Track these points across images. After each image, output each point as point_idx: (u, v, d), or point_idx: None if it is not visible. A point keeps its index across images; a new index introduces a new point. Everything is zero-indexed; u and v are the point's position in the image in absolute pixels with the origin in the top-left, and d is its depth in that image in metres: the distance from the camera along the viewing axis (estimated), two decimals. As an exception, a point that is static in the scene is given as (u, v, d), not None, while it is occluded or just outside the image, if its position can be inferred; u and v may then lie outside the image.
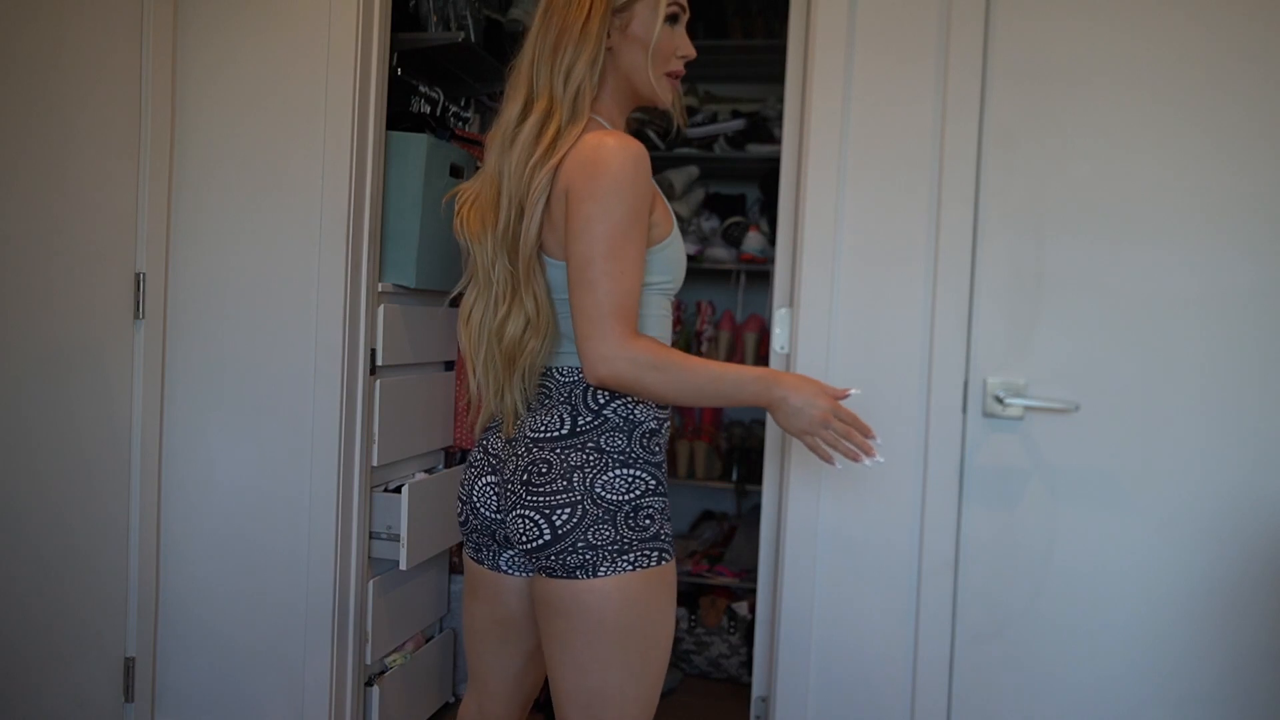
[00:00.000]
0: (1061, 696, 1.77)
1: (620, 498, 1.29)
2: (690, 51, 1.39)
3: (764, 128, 3.11)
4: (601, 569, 1.26)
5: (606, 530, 1.27)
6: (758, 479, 2.88)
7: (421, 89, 2.32)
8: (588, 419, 1.31)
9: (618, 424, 1.32)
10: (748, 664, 2.85)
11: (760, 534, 1.99)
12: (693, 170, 3.22)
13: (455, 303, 2.47)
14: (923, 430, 1.80)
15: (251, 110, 2.04)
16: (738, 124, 3.14)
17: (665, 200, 1.37)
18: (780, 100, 2.87)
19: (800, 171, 1.86)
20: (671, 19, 1.36)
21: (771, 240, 2.90)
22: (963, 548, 1.79)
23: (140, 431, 2.03)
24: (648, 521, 1.30)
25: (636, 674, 1.30)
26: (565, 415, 1.32)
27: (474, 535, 1.41)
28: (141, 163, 2.00)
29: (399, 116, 2.19)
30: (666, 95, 1.39)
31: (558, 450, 1.30)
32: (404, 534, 2.11)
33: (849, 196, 1.82)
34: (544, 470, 1.30)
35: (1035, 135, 1.76)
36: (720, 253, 3.18)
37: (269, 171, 2.03)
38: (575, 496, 1.28)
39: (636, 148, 1.26)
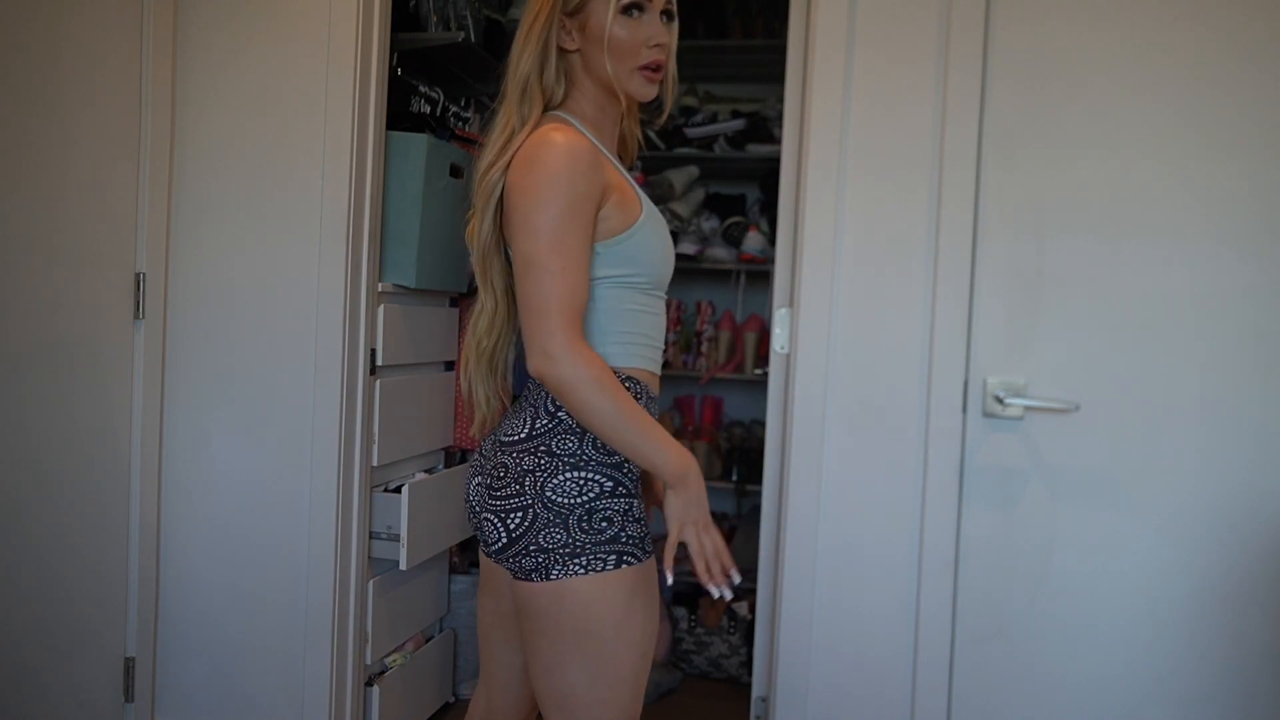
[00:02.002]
0: (1061, 696, 1.77)
1: (571, 501, 1.28)
2: (663, 38, 1.32)
3: (764, 128, 3.11)
4: (554, 572, 1.27)
5: (558, 534, 1.27)
6: (758, 479, 2.88)
7: (421, 89, 2.31)
8: (544, 422, 1.32)
9: (571, 426, 1.31)
10: (748, 664, 2.85)
11: (760, 534, 1.99)
12: (693, 170, 3.22)
13: (455, 303, 2.48)
14: (923, 430, 1.80)
15: (251, 110, 2.04)
16: (738, 124, 3.14)
17: (635, 194, 1.34)
18: (780, 100, 2.87)
19: (800, 171, 1.86)
20: (630, 9, 1.30)
21: (771, 240, 2.90)
22: (963, 548, 1.79)
23: (140, 432, 2.03)
24: (604, 524, 1.28)
25: (601, 678, 1.29)
26: (528, 419, 1.33)
27: (477, 531, 1.43)
28: (141, 163, 2.00)
29: (399, 116, 2.19)
30: (641, 90, 1.34)
31: (514, 454, 1.32)
32: (404, 534, 2.11)
33: (849, 196, 1.82)
34: (501, 474, 1.33)
35: (1035, 135, 1.76)
36: (720, 253, 3.18)
37: (269, 171, 2.03)
38: (527, 500, 1.29)
39: (575, 143, 1.25)
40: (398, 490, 2.15)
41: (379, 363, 2.11)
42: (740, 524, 3.30)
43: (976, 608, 1.80)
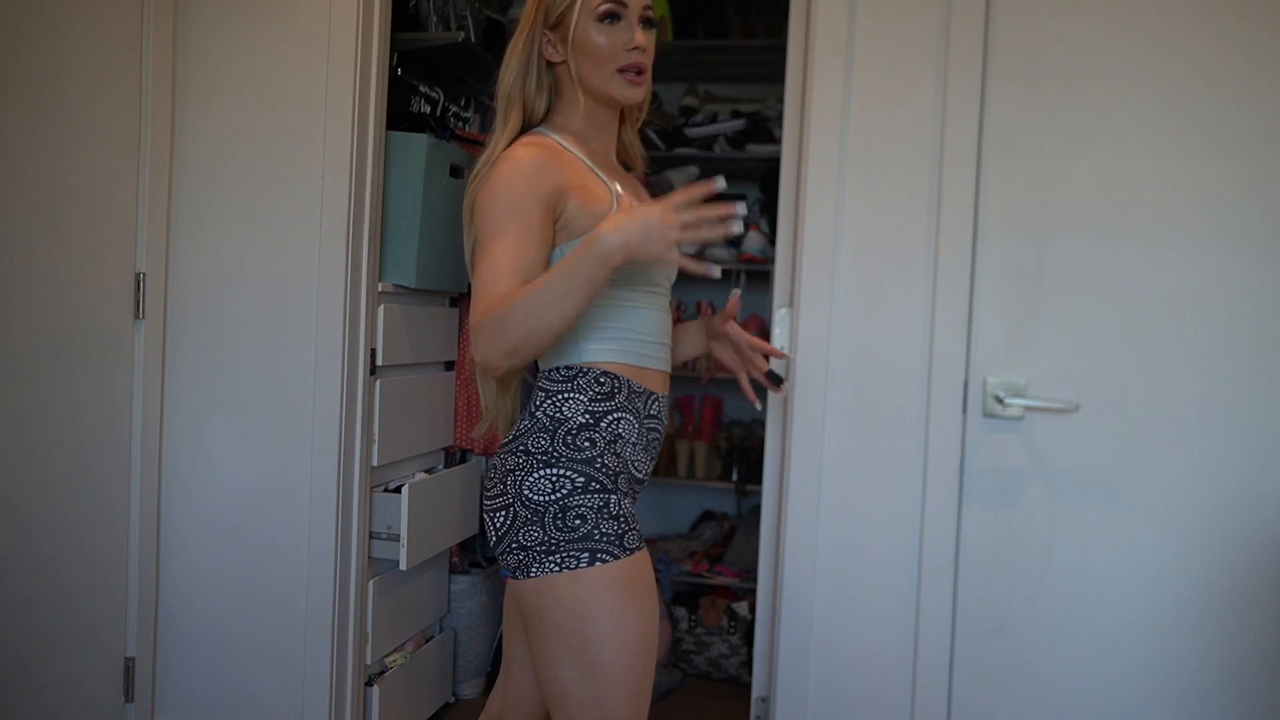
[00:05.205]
0: (1062, 695, 1.77)
1: (545, 499, 1.30)
2: (639, 40, 1.36)
3: (764, 128, 3.11)
4: (532, 570, 1.30)
5: (535, 532, 1.30)
6: (758, 479, 2.88)
7: (421, 89, 2.31)
8: (525, 423, 1.36)
9: (544, 424, 1.34)
10: (748, 664, 2.85)
11: (760, 534, 1.98)
12: (693, 170, 3.22)
13: (455, 303, 2.48)
14: (923, 430, 1.80)
15: (252, 110, 2.04)
16: (738, 124, 3.14)
17: (607, 194, 1.35)
18: (780, 100, 2.87)
19: (800, 171, 1.86)
20: (606, 17, 1.35)
21: (771, 240, 2.90)
22: (963, 548, 1.79)
23: (140, 431, 2.03)
24: (578, 522, 1.29)
25: (589, 676, 1.29)
26: (519, 422, 1.38)
27: None
28: (141, 163, 2.00)
29: (399, 116, 2.19)
30: (623, 91, 1.38)
31: (501, 455, 1.36)
32: (404, 534, 2.11)
33: (849, 197, 1.82)
34: (491, 475, 1.37)
35: (1035, 135, 1.76)
36: (720, 253, 3.17)
37: (269, 171, 2.03)
38: (508, 500, 1.33)
39: (527, 152, 1.31)
40: (398, 490, 2.15)
41: (379, 363, 2.11)
42: (740, 524, 3.30)
43: (976, 607, 1.80)
